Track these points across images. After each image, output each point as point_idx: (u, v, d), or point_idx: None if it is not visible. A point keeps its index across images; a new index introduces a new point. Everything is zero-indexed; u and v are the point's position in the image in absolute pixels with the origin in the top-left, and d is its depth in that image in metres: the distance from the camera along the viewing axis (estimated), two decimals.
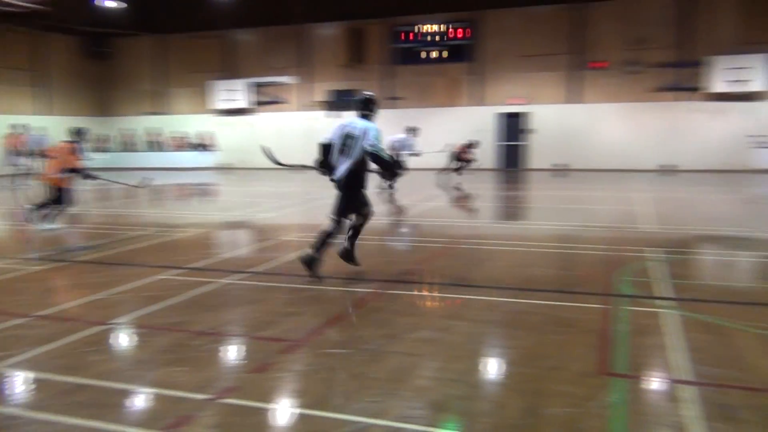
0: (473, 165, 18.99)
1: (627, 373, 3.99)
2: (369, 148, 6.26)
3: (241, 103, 27.70)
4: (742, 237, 9.82)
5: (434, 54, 25.61)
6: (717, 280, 7.11)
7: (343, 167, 6.38)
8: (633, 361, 4.21)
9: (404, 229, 10.66)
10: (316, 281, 6.34)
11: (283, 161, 7.53)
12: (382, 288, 6.21)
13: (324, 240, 6.45)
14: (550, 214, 12.75)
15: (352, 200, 6.52)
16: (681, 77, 22.91)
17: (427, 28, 25.53)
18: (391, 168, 7.13)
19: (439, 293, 6.33)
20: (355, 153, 6.31)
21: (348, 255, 6.71)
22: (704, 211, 12.77)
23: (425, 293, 6.33)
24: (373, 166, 6.59)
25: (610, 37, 23.67)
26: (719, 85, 22.01)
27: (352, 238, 6.68)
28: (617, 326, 4.92)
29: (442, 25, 25.37)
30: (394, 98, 26.03)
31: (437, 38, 25.52)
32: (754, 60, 21.60)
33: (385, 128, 8.06)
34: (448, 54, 25.45)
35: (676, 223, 11.03)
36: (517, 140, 25.04)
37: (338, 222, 6.53)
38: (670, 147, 23.09)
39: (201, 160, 28.30)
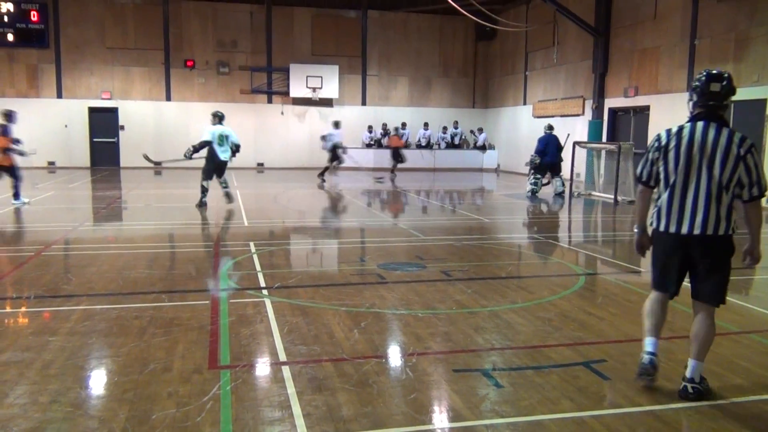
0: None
1: (234, 363, 4.16)
2: (238, 142, 12.20)
3: None
4: (325, 227, 11.14)
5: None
6: (307, 267, 7.93)
7: (225, 153, 11.88)
8: (239, 351, 4.41)
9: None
10: None
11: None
12: None
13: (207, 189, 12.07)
14: (152, 213, 12.42)
15: (225, 168, 12.17)
16: (271, 81, 24.72)
17: None
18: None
19: (26, 308, 5.60)
20: (228, 144, 11.89)
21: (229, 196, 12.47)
22: (295, 205, 14.07)
23: (8, 310, 5.56)
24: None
25: (201, 37, 24.11)
26: (301, 91, 24.43)
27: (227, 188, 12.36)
28: (222, 320, 5.08)
29: (8, 4, 22.33)
30: None
31: (5, 18, 22.42)
32: (324, 70, 24.61)
33: None
34: (18, 37, 22.59)
35: (273, 217, 11.91)
36: (112, 137, 23.71)
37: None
38: (264, 145, 24.70)
39: None
